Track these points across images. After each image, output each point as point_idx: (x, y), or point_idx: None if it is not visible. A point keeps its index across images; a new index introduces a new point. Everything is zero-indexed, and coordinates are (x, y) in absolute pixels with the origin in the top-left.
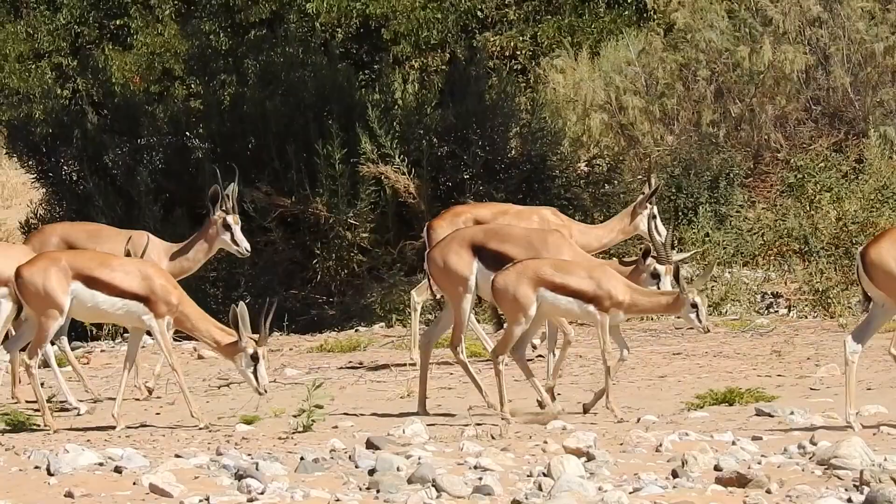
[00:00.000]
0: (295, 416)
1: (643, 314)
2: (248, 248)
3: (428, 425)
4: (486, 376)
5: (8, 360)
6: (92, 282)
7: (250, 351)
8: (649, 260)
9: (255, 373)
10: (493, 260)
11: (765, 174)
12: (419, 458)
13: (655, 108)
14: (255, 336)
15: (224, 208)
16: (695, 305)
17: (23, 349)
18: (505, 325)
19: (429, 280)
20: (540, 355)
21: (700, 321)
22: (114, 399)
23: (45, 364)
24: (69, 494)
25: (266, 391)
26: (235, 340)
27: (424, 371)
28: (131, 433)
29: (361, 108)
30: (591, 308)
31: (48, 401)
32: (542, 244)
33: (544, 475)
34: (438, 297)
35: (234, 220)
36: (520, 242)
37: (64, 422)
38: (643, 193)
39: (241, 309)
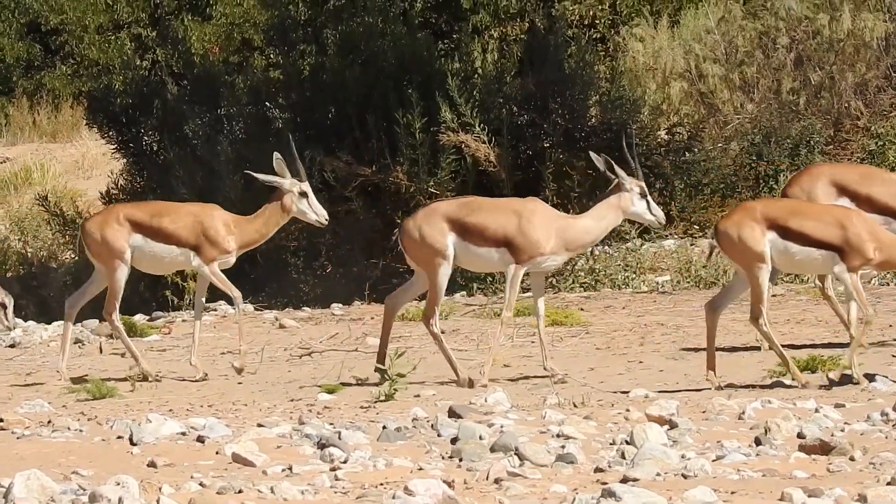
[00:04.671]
0: (377, 385)
1: None
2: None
3: (510, 393)
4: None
5: None
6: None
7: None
8: None
9: None
10: None
11: (845, 141)
12: (501, 427)
13: (735, 76)
14: None
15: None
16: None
17: None
18: None
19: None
20: None
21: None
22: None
23: None
24: (152, 464)
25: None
26: None
27: None
28: (213, 402)
29: (441, 78)
30: None
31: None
32: None
33: (627, 443)
34: None
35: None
36: None
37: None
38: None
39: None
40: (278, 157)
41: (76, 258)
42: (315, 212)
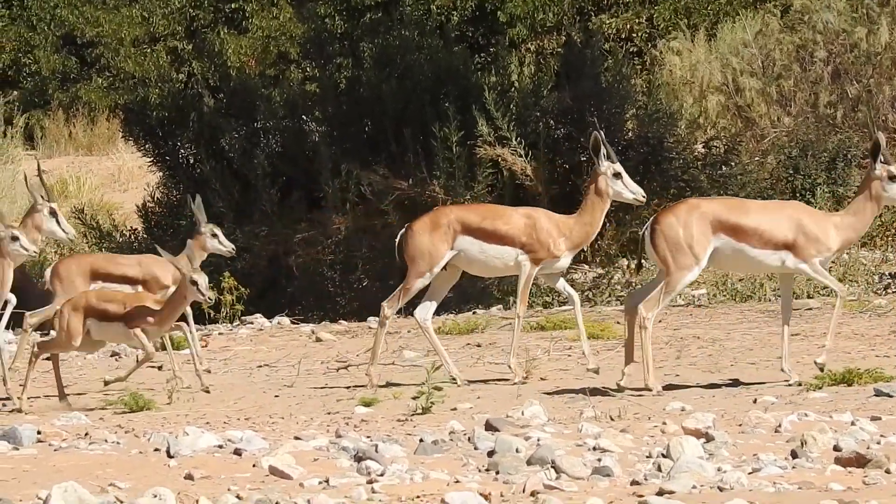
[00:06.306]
0: (414, 398)
1: None
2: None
3: (547, 407)
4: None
5: None
6: None
7: None
8: None
9: None
10: None
11: None
12: (538, 440)
13: (772, 89)
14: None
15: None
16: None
17: None
18: None
19: None
20: None
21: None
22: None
23: None
24: (189, 476)
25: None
26: None
27: None
28: (250, 415)
29: (478, 91)
30: None
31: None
32: None
33: (663, 456)
34: None
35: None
36: None
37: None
38: None
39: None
40: (595, 134)
41: None
42: (631, 190)
